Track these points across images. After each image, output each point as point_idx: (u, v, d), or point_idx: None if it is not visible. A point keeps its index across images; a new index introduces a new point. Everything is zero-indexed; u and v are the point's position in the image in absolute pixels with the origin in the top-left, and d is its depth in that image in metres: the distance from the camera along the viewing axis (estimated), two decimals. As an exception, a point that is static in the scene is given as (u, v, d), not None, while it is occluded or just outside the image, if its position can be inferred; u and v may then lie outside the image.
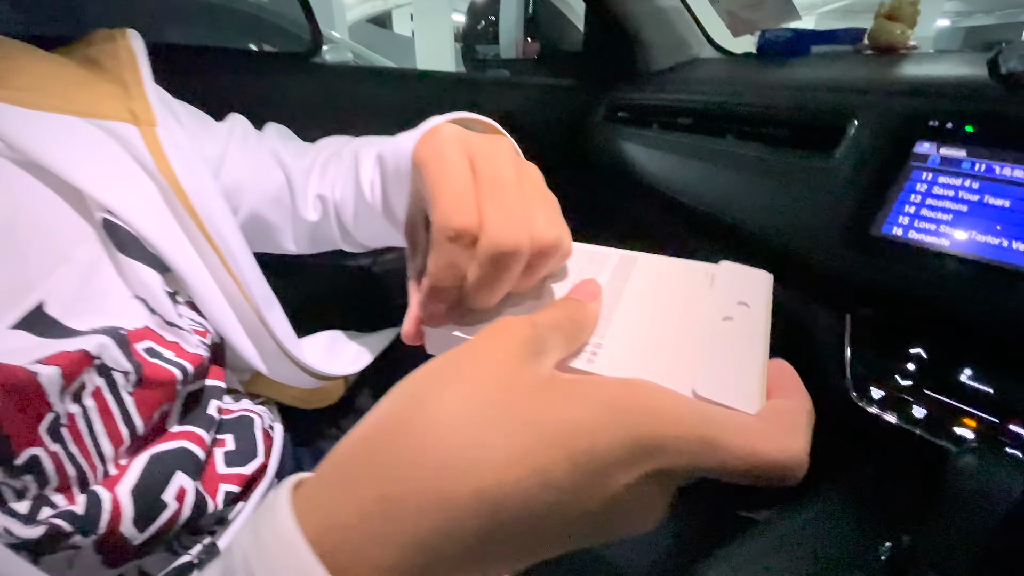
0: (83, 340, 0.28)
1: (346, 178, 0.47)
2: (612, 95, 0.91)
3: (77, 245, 0.31)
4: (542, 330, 0.20)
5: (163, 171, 0.35)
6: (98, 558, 0.28)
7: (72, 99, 0.34)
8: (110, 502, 0.28)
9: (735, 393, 0.20)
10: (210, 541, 0.35)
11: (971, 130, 0.45)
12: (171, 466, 0.32)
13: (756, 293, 0.25)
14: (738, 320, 0.23)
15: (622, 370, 0.21)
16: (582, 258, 0.29)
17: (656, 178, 0.77)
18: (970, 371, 0.43)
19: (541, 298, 0.26)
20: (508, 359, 0.18)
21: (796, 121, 0.58)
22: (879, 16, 0.77)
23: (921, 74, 0.56)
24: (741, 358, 0.21)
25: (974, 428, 0.42)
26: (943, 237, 0.44)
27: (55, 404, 0.26)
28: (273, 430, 0.44)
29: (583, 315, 0.22)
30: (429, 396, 0.17)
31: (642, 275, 0.27)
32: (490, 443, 0.15)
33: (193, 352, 0.34)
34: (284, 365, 0.43)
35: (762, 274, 0.26)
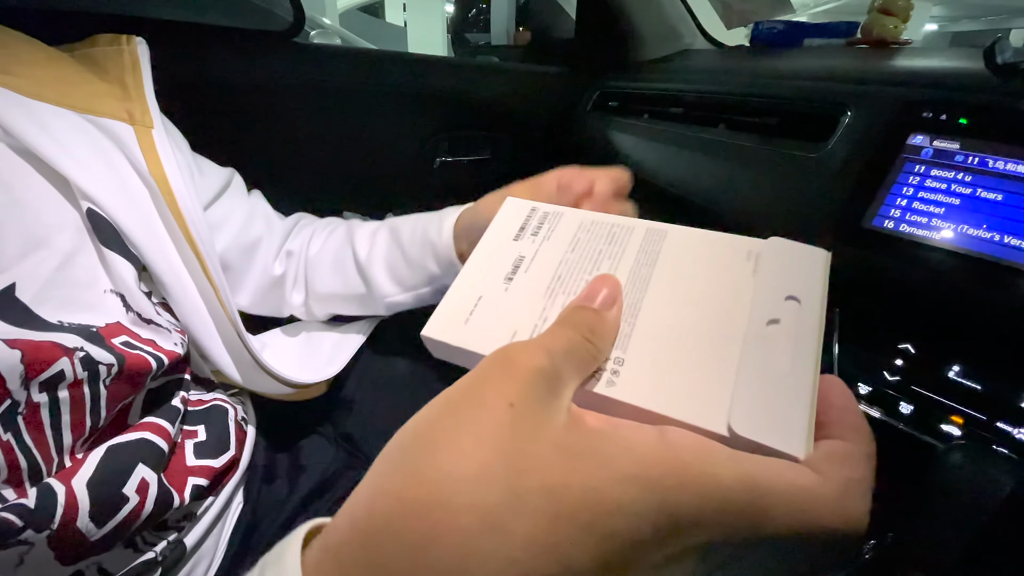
0: (53, 335, 0.27)
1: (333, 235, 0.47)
2: (603, 83, 0.89)
3: (57, 232, 0.30)
4: (558, 359, 0.17)
5: (154, 173, 0.35)
6: (51, 554, 0.26)
7: (70, 93, 0.34)
8: (64, 495, 0.27)
9: (780, 431, 0.17)
10: (175, 538, 0.33)
11: (965, 122, 0.44)
12: (132, 458, 0.30)
13: (809, 280, 0.20)
14: (785, 323, 0.19)
15: (647, 397, 0.18)
16: (602, 233, 0.25)
17: (646, 167, 0.76)
18: (959, 367, 0.43)
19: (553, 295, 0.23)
20: (521, 405, 0.15)
21: (788, 111, 0.57)
22: (873, 10, 0.76)
23: (915, 66, 0.55)
24: (788, 380, 0.18)
25: (961, 425, 0.41)
26: (935, 230, 0.43)
27: (15, 391, 0.25)
28: (246, 424, 0.42)
29: (601, 332, 0.19)
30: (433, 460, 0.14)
31: (672, 255, 0.23)
32: (505, 525, 0.13)
33: (170, 349, 0.34)
34: (258, 375, 0.42)
35: (817, 253, 0.21)
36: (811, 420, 0.17)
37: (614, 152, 0.83)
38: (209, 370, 0.42)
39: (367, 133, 0.85)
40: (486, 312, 0.23)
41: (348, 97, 0.81)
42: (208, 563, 0.37)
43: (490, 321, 0.22)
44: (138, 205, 0.34)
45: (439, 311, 0.23)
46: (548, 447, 0.14)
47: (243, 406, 0.44)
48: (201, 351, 0.39)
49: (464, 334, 0.22)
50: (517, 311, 0.22)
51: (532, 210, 0.27)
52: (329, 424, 0.52)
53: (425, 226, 0.40)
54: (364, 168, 0.88)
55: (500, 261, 0.25)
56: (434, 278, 0.41)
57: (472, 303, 0.23)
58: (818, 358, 0.18)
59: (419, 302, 0.44)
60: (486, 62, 1.19)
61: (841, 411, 0.17)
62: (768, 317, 0.20)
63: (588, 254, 0.24)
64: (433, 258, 0.39)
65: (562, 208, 0.27)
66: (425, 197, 0.96)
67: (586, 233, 0.25)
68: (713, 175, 0.65)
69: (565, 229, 0.26)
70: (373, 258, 0.43)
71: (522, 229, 0.26)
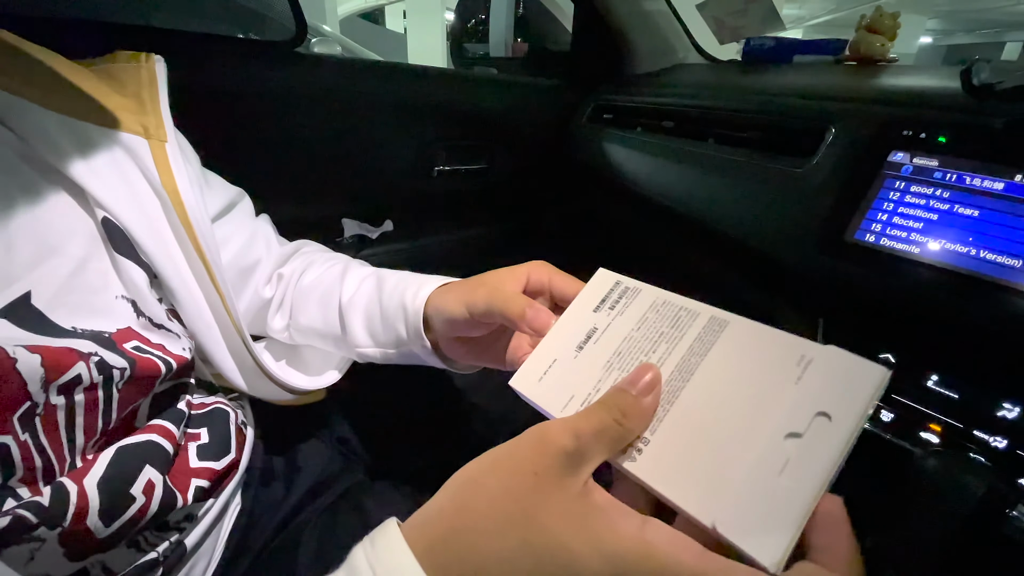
0: (69, 341, 0.28)
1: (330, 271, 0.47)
2: (598, 96, 0.91)
3: (69, 240, 0.31)
4: (585, 441, 0.20)
5: (167, 185, 0.36)
6: (61, 551, 0.27)
7: (87, 106, 0.35)
8: (77, 494, 0.28)
9: (759, 541, 0.18)
10: (177, 538, 0.34)
11: (944, 141, 0.46)
12: (140, 459, 0.31)
13: (850, 399, 0.20)
14: (807, 438, 0.20)
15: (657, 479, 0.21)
16: (668, 315, 0.26)
17: (638, 179, 0.78)
18: (937, 377, 0.44)
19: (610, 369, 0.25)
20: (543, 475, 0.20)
21: (776, 127, 0.59)
22: (860, 28, 0.78)
23: (898, 85, 0.57)
24: (786, 494, 0.19)
25: (939, 433, 0.43)
26: (914, 244, 0.45)
27: (35, 394, 0.26)
28: (246, 427, 0.43)
29: (632, 415, 0.22)
30: (476, 500, 0.20)
31: (726, 347, 0.24)
32: (515, 560, 0.19)
33: (179, 354, 0.35)
34: (261, 382, 0.43)
35: (872, 371, 0.21)
36: (794, 537, 0.18)
37: (607, 163, 0.84)
38: (210, 374, 0.43)
39: (366, 142, 0.86)
40: (556, 374, 0.27)
41: (348, 106, 0.82)
42: (206, 563, 0.37)
43: (556, 383, 0.26)
44: (149, 215, 0.35)
45: (525, 365, 0.28)
46: (557, 513, 0.19)
47: (243, 410, 0.45)
48: (206, 357, 0.39)
49: (536, 390, 0.27)
50: (579, 378, 0.26)
51: (616, 283, 0.29)
52: (326, 428, 0.53)
53: (404, 288, 0.39)
54: (363, 176, 0.89)
55: (578, 329, 0.28)
56: (401, 342, 0.39)
57: (548, 364, 0.27)
58: (827, 480, 0.19)
59: (386, 358, 0.42)
60: (484, 74, 1.21)
61: (828, 535, 0.18)
62: (791, 429, 0.20)
63: (650, 335, 0.26)
64: (403, 323, 0.38)
65: (642, 285, 0.29)
66: (423, 205, 0.97)
67: (655, 313, 0.27)
68: (703, 188, 0.67)
69: (638, 307, 0.27)
70: (354, 303, 0.43)
71: (603, 301, 0.29)
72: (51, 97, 0.33)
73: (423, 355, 0.39)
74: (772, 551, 0.18)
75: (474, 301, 0.33)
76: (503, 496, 0.20)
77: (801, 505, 0.18)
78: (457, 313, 0.34)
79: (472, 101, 0.93)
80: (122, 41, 0.46)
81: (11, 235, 0.28)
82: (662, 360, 0.24)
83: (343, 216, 0.93)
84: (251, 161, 0.77)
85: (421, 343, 0.38)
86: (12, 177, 0.30)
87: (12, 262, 0.28)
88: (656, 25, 0.93)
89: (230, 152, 0.73)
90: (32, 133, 0.31)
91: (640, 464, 0.21)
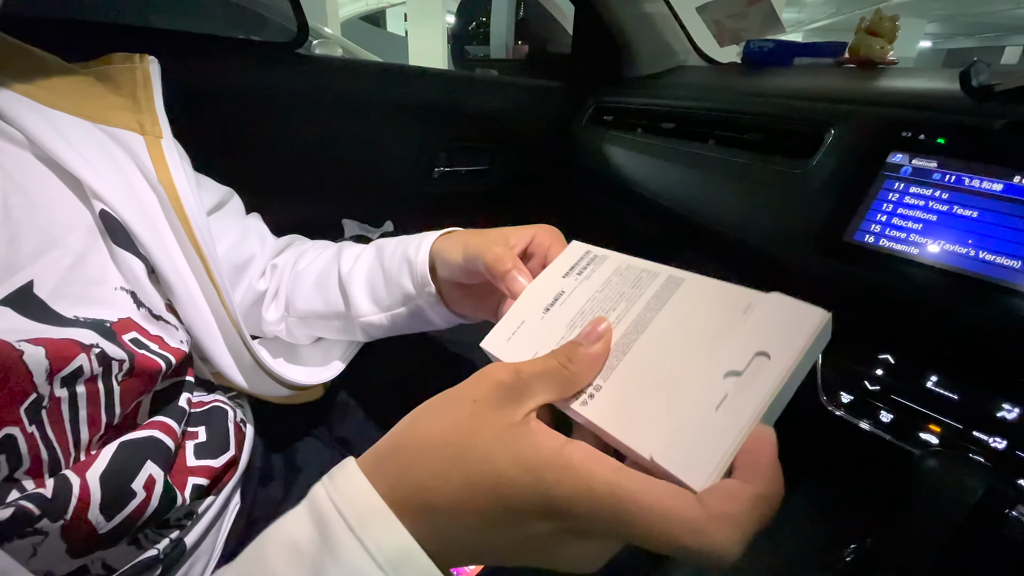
0: (71, 331, 0.28)
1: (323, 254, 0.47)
2: (598, 98, 0.91)
3: (70, 232, 0.32)
4: (525, 378, 0.22)
5: (163, 180, 0.37)
6: (63, 546, 0.27)
7: (85, 104, 0.36)
8: (79, 487, 0.28)
9: (688, 466, 0.19)
10: (177, 536, 0.34)
11: (943, 142, 0.46)
12: (142, 455, 0.31)
13: (789, 339, 0.21)
14: (746, 376, 0.21)
15: (603, 419, 0.22)
16: (630, 277, 0.28)
17: (638, 181, 0.78)
18: (936, 378, 0.44)
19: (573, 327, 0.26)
20: (479, 403, 0.22)
21: (775, 128, 0.59)
22: (860, 31, 0.78)
23: (897, 87, 0.57)
24: (719, 425, 0.20)
25: (939, 434, 0.43)
26: (913, 245, 0.45)
27: (40, 386, 0.26)
28: (245, 425, 0.43)
29: (578, 361, 0.23)
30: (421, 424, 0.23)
31: (680, 302, 0.25)
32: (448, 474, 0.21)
33: (176, 347, 0.35)
34: (259, 378, 0.43)
35: (812, 313, 0.21)
36: (722, 462, 0.19)
37: (607, 165, 0.85)
38: (209, 372, 0.43)
39: (367, 143, 0.87)
40: (523, 334, 0.28)
41: (349, 108, 0.83)
42: (205, 562, 0.37)
43: (523, 342, 0.28)
44: (146, 209, 0.35)
45: (496, 328, 0.30)
46: (489, 434, 0.21)
47: (242, 408, 0.45)
48: (203, 353, 0.40)
49: (503, 349, 0.28)
50: (543, 336, 0.27)
51: (586, 252, 0.31)
52: (325, 427, 0.53)
53: (406, 245, 0.40)
54: (364, 177, 0.90)
55: (546, 294, 0.29)
56: (408, 297, 0.40)
57: (516, 325, 0.29)
58: (760, 411, 0.19)
59: (394, 325, 0.42)
60: (484, 76, 1.21)
61: (752, 454, 0.19)
62: (731, 368, 0.21)
63: (611, 295, 0.27)
64: (409, 276, 0.39)
65: (610, 253, 0.30)
66: (424, 206, 0.97)
67: (618, 276, 0.28)
68: (702, 189, 0.67)
69: (604, 271, 0.29)
70: (354, 274, 0.43)
71: (572, 268, 0.30)
72: (51, 96, 0.34)
73: (428, 307, 0.40)
74: (698, 472, 0.19)
75: (468, 249, 0.34)
76: (442, 418, 0.22)
77: (732, 434, 0.19)
78: (454, 257, 0.36)
79: (473, 103, 0.93)
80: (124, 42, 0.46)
81: (14, 227, 0.29)
82: (620, 317, 0.26)
83: (344, 217, 0.93)
84: (252, 162, 0.77)
85: (427, 290, 0.38)
86: (18, 173, 0.31)
87: (16, 252, 0.28)
88: (656, 27, 0.94)
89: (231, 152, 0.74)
90: (37, 131, 0.32)
91: (589, 408, 0.23)
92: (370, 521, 0.20)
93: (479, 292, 0.38)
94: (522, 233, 0.35)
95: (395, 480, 0.21)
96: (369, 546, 0.19)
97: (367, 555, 0.19)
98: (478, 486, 0.20)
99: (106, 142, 0.35)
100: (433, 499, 0.20)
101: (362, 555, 0.19)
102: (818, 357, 0.20)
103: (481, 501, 0.20)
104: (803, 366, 0.21)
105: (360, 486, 0.21)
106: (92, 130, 0.35)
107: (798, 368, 0.20)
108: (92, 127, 0.35)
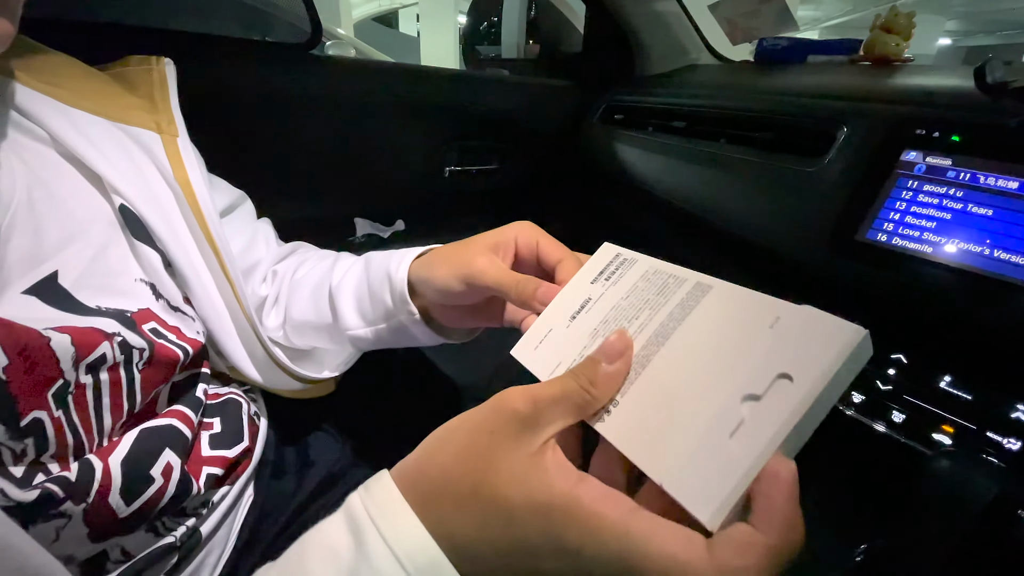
0: (94, 319, 0.30)
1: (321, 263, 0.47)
2: (609, 97, 0.91)
3: (92, 225, 0.33)
4: (542, 406, 0.22)
5: (179, 177, 0.38)
6: (84, 530, 0.28)
7: (104, 104, 0.37)
8: (101, 471, 0.29)
9: (699, 498, 0.18)
10: (193, 524, 0.35)
11: (957, 139, 0.45)
12: (160, 442, 0.32)
13: (815, 361, 0.19)
14: (765, 400, 0.19)
15: (623, 439, 0.22)
16: (657, 283, 0.26)
17: (649, 179, 0.78)
18: (950, 378, 0.44)
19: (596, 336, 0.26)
20: (496, 435, 0.22)
21: (787, 126, 0.59)
22: (875, 28, 0.78)
23: (911, 84, 0.56)
24: (731, 455, 0.18)
25: (952, 434, 0.42)
26: (926, 244, 0.44)
27: (67, 372, 0.27)
28: (258, 418, 0.44)
29: (598, 383, 0.23)
30: (440, 454, 0.23)
31: (705, 311, 0.24)
32: (465, 505, 0.21)
33: (193, 338, 0.36)
34: (272, 371, 0.43)
35: (845, 330, 0.19)
36: (732, 497, 0.18)
37: (618, 164, 0.85)
38: (224, 366, 0.44)
39: (379, 143, 0.87)
40: (549, 343, 0.28)
41: (361, 108, 0.84)
42: (220, 552, 0.38)
43: (548, 352, 0.27)
44: (162, 205, 0.37)
45: (526, 335, 0.29)
46: (504, 470, 0.21)
47: (255, 402, 0.46)
48: (217, 347, 0.41)
49: (531, 358, 0.28)
50: (567, 346, 0.27)
51: (616, 255, 0.30)
52: (337, 423, 0.54)
53: (389, 260, 0.39)
54: (376, 177, 0.90)
55: (574, 300, 0.29)
56: (389, 314, 0.40)
57: (544, 333, 0.28)
58: (776, 443, 0.18)
59: (379, 339, 0.42)
60: (495, 75, 1.22)
61: (767, 497, 0.18)
62: (750, 391, 0.19)
63: (636, 303, 0.26)
64: (389, 292, 0.39)
65: (640, 256, 0.29)
66: (435, 205, 0.98)
67: (645, 282, 0.27)
68: (714, 187, 0.67)
69: (632, 276, 0.28)
70: (343, 286, 0.43)
71: (601, 273, 0.29)
72: (72, 96, 0.35)
73: (410, 325, 0.39)
74: (708, 507, 0.18)
75: (476, 276, 0.33)
76: (460, 451, 0.22)
77: (743, 467, 0.18)
78: (454, 284, 0.34)
79: (483, 102, 0.94)
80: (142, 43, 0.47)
81: (38, 219, 0.30)
82: (643, 326, 0.24)
83: (355, 216, 0.94)
84: (265, 161, 0.78)
85: (407, 309, 0.38)
86: (41, 168, 0.32)
87: (41, 244, 0.30)
88: (668, 26, 0.94)
89: (245, 152, 0.75)
90: (59, 129, 0.33)
91: (607, 424, 0.22)
92: (402, 533, 0.21)
93: (478, 306, 0.37)
94: (505, 240, 0.34)
95: (420, 507, 0.22)
96: (401, 556, 0.20)
97: (399, 565, 0.20)
98: (492, 526, 0.21)
99: (124, 140, 0.37)
100: (454, 530, 0.21)
101: (394, 565, 0.20)
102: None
103: (495, 538, 0.21)
104: (833, 390, 0.18)
105: (393, 497, 0.22)
106: (111, 129, 0.36)
107: (825, 393, 0.18)
108: (111, 126, 0.36)
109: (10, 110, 0.32)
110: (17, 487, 0.25)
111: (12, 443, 0.25)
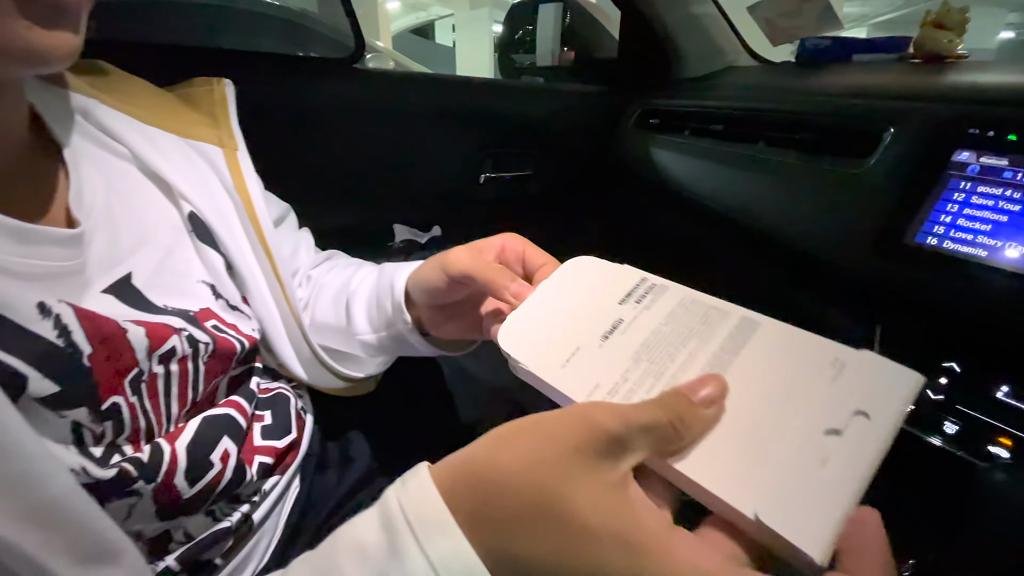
0: (162, 317, 0.33)
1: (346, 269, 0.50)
2: (644, 101, 0.91)
3: (160, 230, 0.36)
4: (631, 432, 0.20)
5: (239, 188, 0.41)
6: (153, 508, 0.31)
7: (171, 121, 0.41)
8: (169, 454, 0.32)
9: (803, 531, 0.17)
10: (246, 511, 0.38)
11: (1014, 139, 0.44)
12: (219, 430, 0.35)
13: (887, 401, 0.20)
14: (848, 436, 0.20)
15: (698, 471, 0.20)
16: (698, 313, 0.26)
17: (685, 183, 0.77)
18: (1007, 388, 0.42)
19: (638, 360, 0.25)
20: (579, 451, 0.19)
21: (830, 128, 0.58)
22: (926, 24, 0.74)
23: (963, 82, 0.54)
24: (828, 488, 0.18)
25: (1009, 447, 0.40)
26: (981, 248, 0.43)
27: (141, 361, 0.30)
28: (305, 413, 0.46)
29: (689, 423, 0.21)
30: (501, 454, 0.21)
31: (758, 347, 0.24)
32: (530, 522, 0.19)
33: (249, 334, 0.39)
34: (316, 369, 0.46)
35: (906, 376, 0.21)
36: (836, 532, 0.17)
37: (654, 168, 0.84)
38: (274, 363, 0.47)
39: (417, 151, 0.90)
40: (581, 362, 0.26)
41: (400, 117, 0.86)
42: (269, 539, 0.40)
43: (581, 371, 0.26)
44: (224, 213, 0.40)
45: (542, 349, 0.28)
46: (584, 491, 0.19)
47: (302, 398, 0.48)
48: (268, 345, 0.44)
49: (560, 376, 0.26)
50: (604, 367, 0.26)
51: (642, 279, 0.30)
52: (378, 421, 0.56)
53: (396, 269, 0.41)
54: (414, 184, 0.93)
55: (602, 320, 0.28)
56: (389, 322, 0.41)
57: (571, 351, 0.27)
58: (866, 479, 0.18)
59: (382, 347, 0.43)
60: (530, 83, 1.23)
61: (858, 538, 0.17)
62: (830, 426, 0.20)
63: (679, 330, 0.26)
64: (389, 300, 0.40)
65: (669, 283, 0.29)
66: (471, 212, 1.00)
67: (683, 310, 0.27)
68: (753, 191, 0.65)
69: (666, 303, 0.28)
70: (358, 293, 0.45)
71: (628, 295, 0.29)
72: (145, 114, 0.39)
73: (407, 334, 0.40)
74: (816, 540, 0.17)
75: (451, 263, 0.34)
76: (533, 459, 0.20)
77: (846, 498, 0.18)
78: (434, 278, 0.35)
79: (517, 109, 0.95)
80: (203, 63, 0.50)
81: (116, 226, 0.33)
82: (693, 355, 0.25)
83: (394, 222, 0.97)
84: (309, 169, 0.82)
85: (403, 318, 0.39)
86: (119, 181, 0.35)
87: (117, 248, 0.33)
88: (704, 28, 0.92)
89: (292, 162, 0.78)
90: (138, 146, 0.37)
91: (684, 461, 0.21)
92: (436, 534, 0.20)
93: (460, 310, 0.38)
94: (491, 243, 0.35)
95: (471, 513, 0.20)
96: (434, 560, 0.19)
97: (431, 569, 0.19)
98: (566, 551, 0.19)
99: (191, 153, 0.40)
100: (510, 545, 0.19)
101: (426, 568, 0.19)
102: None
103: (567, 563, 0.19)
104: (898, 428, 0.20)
105: (430, 497, 0.20)
106: (179, 143, 0.40)
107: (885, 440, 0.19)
108: (179, 140, 0.40)
109: (94, 128, 0.36)
110: (97, 466, 0.27)
111: (93, 425, 0.28)
